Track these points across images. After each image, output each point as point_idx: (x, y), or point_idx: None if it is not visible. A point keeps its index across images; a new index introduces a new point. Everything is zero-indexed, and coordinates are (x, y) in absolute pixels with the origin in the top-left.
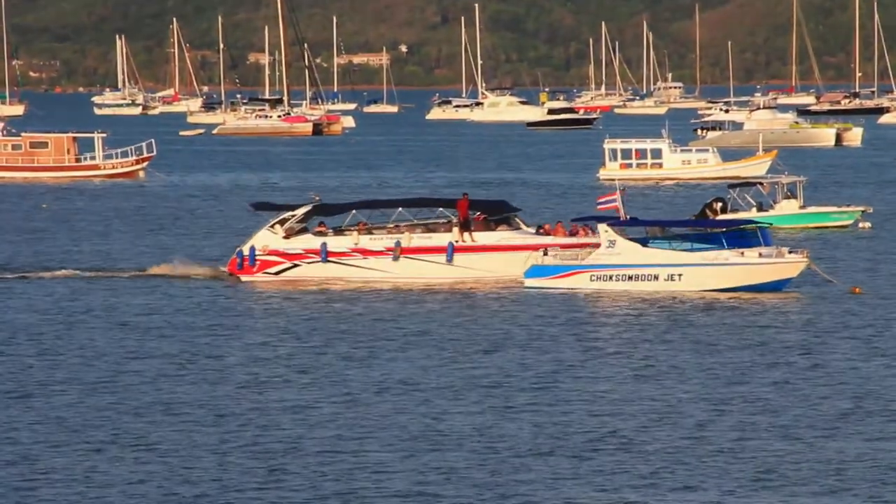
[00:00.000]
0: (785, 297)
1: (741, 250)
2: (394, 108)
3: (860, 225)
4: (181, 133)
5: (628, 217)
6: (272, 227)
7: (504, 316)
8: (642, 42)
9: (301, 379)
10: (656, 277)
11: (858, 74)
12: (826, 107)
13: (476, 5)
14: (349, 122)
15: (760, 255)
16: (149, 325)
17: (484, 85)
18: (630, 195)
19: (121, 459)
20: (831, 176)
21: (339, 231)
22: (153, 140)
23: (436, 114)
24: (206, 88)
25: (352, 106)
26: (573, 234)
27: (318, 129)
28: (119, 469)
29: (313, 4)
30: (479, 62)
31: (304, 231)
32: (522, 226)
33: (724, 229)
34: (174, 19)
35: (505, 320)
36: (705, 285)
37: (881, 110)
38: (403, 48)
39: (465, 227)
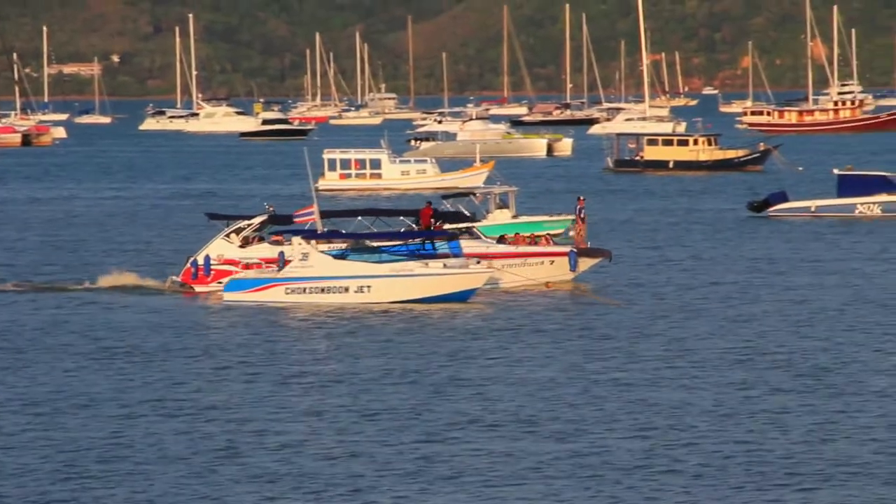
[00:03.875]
0: (466, 306)
1: (427, 261)
2: (107, 119)
3: (570, 233)
4: None
5: (325, 230)
6: (227, 236)
7: (197, 328)
8: (357, 53)
9: None
10: (347, 289)
11: (569, 86)
12: (538, 118)
13: (190, 15)
14: (60, 132)
15: (445, 265)
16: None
17: (199, 96)
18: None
19: None
20: (543, 185)
21: None
22: None
23: (149, 124)
24: None
25: (63, 116)
26: (532, 243)
27: (27, 139)
28: None
29: (22, 14)
30: (194, 72)
31: (260, 241)
32: (482, 236)
33: (415, 240)
34: None
35: (193, 332)
36: (393, 296)
37: (591, 121)
38: (115, 58)
39: None
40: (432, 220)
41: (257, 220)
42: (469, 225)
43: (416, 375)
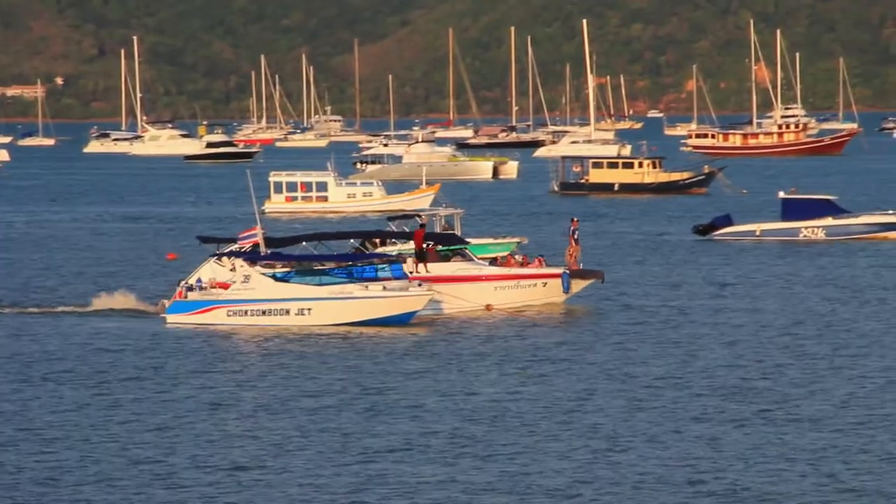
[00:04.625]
0: (405, 329)
1: (366, 284)
2: (51, 141)
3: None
4: None
5: (269, 252)
6: (219, 259)
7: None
8: (303, 75)
9: None
10: (287, 312)
11: (515, 108)
12: (484, 140)
13: (134, 38)
14: (3, 155)
15: (385, 288)
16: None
17: (144, 118)
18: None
19: None
20: (489, 208)
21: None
22: None
23: (94, 147)
24: None
25: (6, 139)
26: (524, 265)
27: None
28: None
29: None
30: (139, 95)
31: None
32: (474, 258)
33: (353, 263)
34: None
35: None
36: (333, 319)
37: (537, 144)
38: (59, 80)
39: (421, 257)
40: (424, 242)
41: (249, 244)
42: (461, 246)
43: (351, 398)
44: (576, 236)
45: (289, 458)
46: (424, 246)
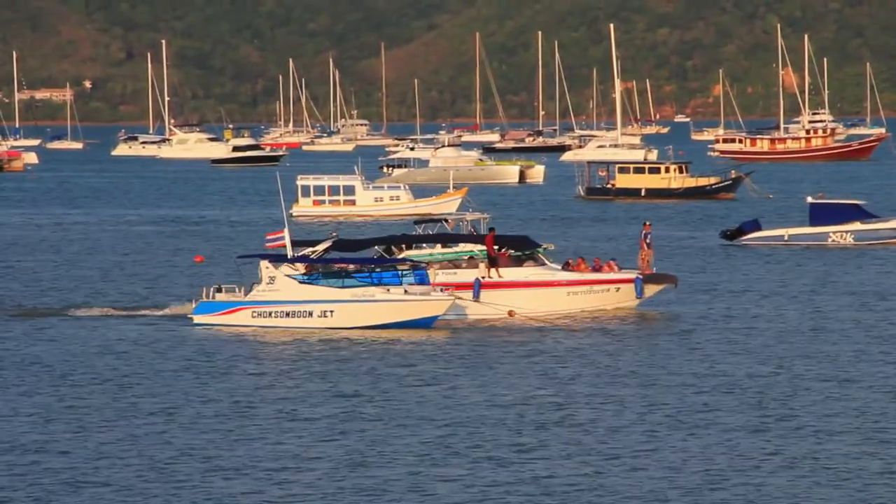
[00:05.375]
0: (422, 333)
1: (388, 287)
2: (79, 144)
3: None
4: None
5: (295, 254)
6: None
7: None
8: (329, 79)
9: None
10: (311, 314)
11: (541, 113)
12: (511, 144)
13: (162, 41)
14: (32, 158)
15: (406, 292)
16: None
17: (172, 121)
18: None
19: None
20: (515, 212)
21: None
22: None
23: (122, 150)
24: None
25: (35, 142)
26: (597, 269)
27: None
28: None
29: None
30: (167, 98)
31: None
32: (547, 262)
33: (378, 267)
34: None
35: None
36: (355, 322)
37: (563, 148)
38: (88, 84)
39: (493, 263)
40: (494, 246)
41: (322, 247)
42: (532, 251)
43: (361, 400)
44: (648, 240)
45: (305, 461)
46: (496, 249)
